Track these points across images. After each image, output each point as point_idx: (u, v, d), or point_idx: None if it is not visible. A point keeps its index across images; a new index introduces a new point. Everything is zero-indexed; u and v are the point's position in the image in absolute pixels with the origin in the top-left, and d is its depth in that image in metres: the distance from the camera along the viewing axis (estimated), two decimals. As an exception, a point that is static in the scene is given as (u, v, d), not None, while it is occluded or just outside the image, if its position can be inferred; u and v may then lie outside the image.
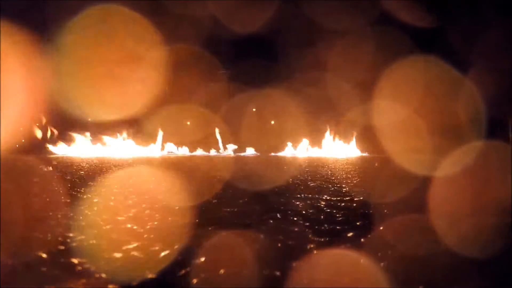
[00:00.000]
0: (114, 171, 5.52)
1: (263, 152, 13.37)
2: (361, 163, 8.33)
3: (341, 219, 2.23)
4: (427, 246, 1.74)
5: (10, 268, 1.42)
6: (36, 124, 12.12)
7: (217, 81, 12.42)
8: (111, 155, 11.79)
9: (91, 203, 2.71)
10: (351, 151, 13.89)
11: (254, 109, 13.47)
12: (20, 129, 11.48)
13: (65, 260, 1.50)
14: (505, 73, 10.84)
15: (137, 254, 1.57)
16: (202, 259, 1.51)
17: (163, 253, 1.58)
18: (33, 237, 1.82)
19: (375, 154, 12.67)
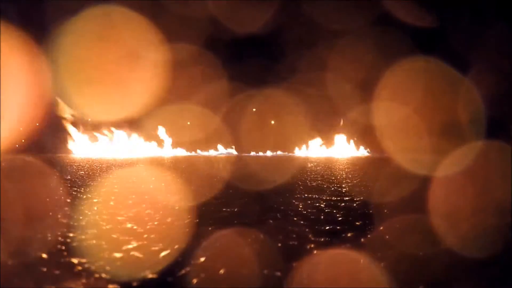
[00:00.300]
0: (114, 171, 5.52)
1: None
2: (361, 163, 8.33)
3: (341, 219, 2.23)
4: (427, 246, 1.74)
5: (10, 268, 1.42)
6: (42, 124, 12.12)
7: (217, 81, 12.42)
8: (111, 155, 11.79)
9: (91, 203, 2.71)
10: (351, 151, 13.89)
11: (254, 109, 13.47)
12: (20, 128, 11.47)
13: (65, 260, 1.50)
14: (505, 73, 10.84)
15: (137, 254, 1.57)
16: (202, 259, 1.51)
17: (163, 253, 1.58)
18: (33, 237, 1.82)
19: (375, 154, 12.67)
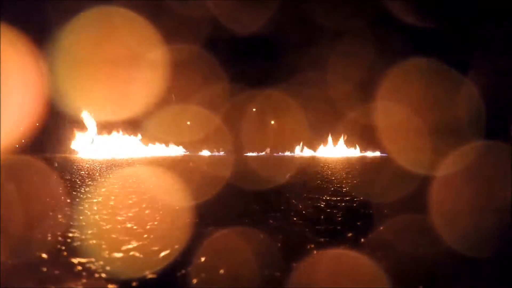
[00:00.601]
0: (114, 171, 5.52)
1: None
2: (361, 163, 8.33)
3: (341, 219, 2.23)
4: (427, 246, 1.74)
5: (10, 268, 1.42)
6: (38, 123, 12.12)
7: (217, 81, 12.42)
8: (111, 155, 11.79)
9: (91, 203, 2.71)
10: (351, 151, 13.88)
11: (254, 109, 13.47)
12: (20, 128, 11.47)
13: (65, 260, 1.50)
14: (505, 73, 10.84)
15: (137, 254, 1.57)
16: (202, 259, 1.51)
17: (163, 253, 1.57)
18: (33, 237, 1.82)
19: (375, 153, 12.67)
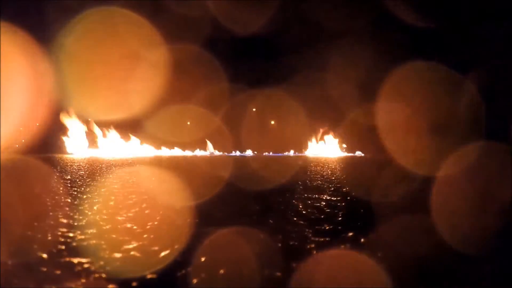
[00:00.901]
0: (114, 171, 5.52)
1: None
2: (361, 163, 8.33)
3: (341, 219, 2.23)
4: (427, 246, 1.74)
5: (10, 268, 1.42)
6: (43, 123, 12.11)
7: (217, 81, 12.41)
8: (111, 155, 11.79)
9: (91, 203, 2.71)
10: (351, 151, 13.88)
11: (254, 109, 13.47)
12: (20, 128, 11.47)
13: (65, 260, 1.50)
14: (505, 73, 10.84)
15: (137, 254, 1.57)
16: (202, 259, 1.51)
17: (163, 253, 1.57)
18: (33, 237, 1.82)
19: (375, 154, 12.66)
